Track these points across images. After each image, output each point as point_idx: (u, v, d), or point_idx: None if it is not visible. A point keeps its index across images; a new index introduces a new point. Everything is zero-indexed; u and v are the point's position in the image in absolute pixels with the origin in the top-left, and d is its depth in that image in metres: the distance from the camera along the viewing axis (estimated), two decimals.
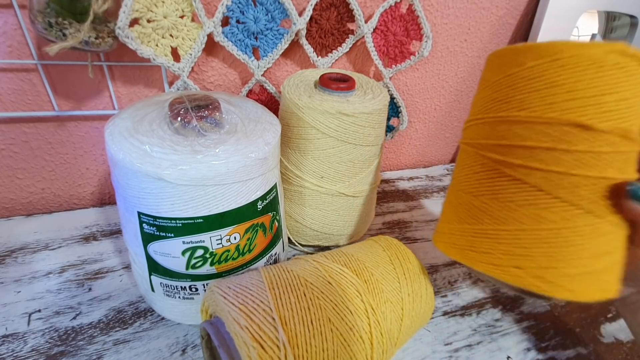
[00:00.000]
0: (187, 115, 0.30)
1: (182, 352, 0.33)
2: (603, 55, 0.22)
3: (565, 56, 0.23)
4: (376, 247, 0.34)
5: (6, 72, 0.40)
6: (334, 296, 0.27)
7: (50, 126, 0.44)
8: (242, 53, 0.45)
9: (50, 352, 0.32)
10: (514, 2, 0.57)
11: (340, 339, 0.25)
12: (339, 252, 0.33)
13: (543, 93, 0.23)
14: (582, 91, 0.22)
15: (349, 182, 0.41)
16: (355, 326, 0.26)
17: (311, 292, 0.27)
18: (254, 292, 0.26)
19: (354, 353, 0.26)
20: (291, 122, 0.39)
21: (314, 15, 0.46)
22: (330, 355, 0.25)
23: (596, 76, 0.22)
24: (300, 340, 0.24)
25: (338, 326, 0.26)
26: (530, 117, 0.24)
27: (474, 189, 0.27)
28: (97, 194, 0.51)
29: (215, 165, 0.27)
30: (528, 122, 0.24)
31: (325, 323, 0.25)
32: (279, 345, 0.23)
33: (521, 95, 0.24)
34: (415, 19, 0.50)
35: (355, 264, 0.31)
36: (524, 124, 0.24)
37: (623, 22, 0.59)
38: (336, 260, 0.31)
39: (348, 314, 0.26)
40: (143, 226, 0.29)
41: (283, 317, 0.24)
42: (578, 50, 0.22)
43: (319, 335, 0.25)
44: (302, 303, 0.26)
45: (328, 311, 0.26)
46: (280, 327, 0.24)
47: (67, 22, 0.33)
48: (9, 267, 0.39)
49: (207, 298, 0.28)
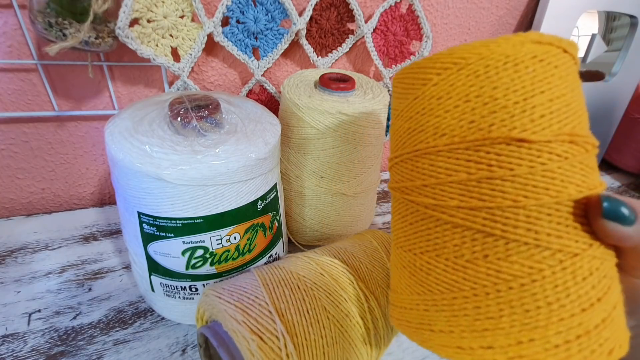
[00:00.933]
0: (187, 115, 0.30)
1: (182, 352, 0.33)
2: (516, 50, 0.18)
3: (471, 61, 0.18)
4: (364, 239, 0.34)
5: (6, 72, 0.40)
6: (327, 286, 0.27)
7: (50, 126, 0.44)
8: (242, 53, 0.45)
9: (50, 352, 0.32)
10: (514, 2, 0.57)
11: (338, 325, 0.26)
12: (329, 247, 0.33)
13: (458, 112, 0.19)
14: (502, 99, 0.18)
15: (349, 182, 0.41)
16: (351, 312, 0.27)
17: (304, 284, 0.27)
18: (249, 290, 0.26)
19: (352, 339, 0.26)
20: (291, 122, 0.39)
21: (314, 15, 0.46)
22: (329, 341, 0.25)
23: (515, 77, 0.18)
24: (298, 330, 0.24)
25: (334, 314, 0.26)
26: (450, 144, 0.19)
27: (413, 245, 0.21)
28: (97, 194, 0.51)
29: (215, 165, 0.27)
30: (450, 150, 0.19)
31: (321, 311, 0.26)
32: (278, 335, 0.23)
33: (434, 119, 0.19)
34: (415, 19, 0.50)
35: (344, 255, 0.31)
36: (446, 154, 0.19)
37: (623, 22, 0.59)
38: (326, 253, 0.31)
39: (343, 302, 0.27)
40: (143, 226, 0.29)
41: (279, 309, 0.25)
42: (484, 50, 0.18)
43: (316, 323, 0.25)
44: (296, 294, 0.26)
45: (323, 300, 0.26)
46: (277, 318, 0.24)
47: (67, 22, 0.33)
48: (9, 267, 0.39)
49: (202, 304, 0.28)
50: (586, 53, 0.59)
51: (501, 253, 0.18)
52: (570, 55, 0.19)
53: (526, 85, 0.18)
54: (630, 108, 0.65)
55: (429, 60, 0.20)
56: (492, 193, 0.18)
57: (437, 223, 0.20)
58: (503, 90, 0.18)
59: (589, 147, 0.18)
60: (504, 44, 0.18)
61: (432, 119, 0.20)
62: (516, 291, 0.17)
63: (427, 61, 0.20)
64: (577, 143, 0.18)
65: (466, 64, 0.18)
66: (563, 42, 0.19)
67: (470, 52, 0.18)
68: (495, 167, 0.18)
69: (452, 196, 0.19)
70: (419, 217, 0.21)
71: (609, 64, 0.61)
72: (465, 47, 0.19)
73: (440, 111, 0.19)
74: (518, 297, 0.17)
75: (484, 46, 0.18)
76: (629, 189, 0.65)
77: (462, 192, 0.18)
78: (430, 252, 0.20)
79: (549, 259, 0.17)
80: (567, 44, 0.19)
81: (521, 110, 0.17)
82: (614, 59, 0.61)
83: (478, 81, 0.18)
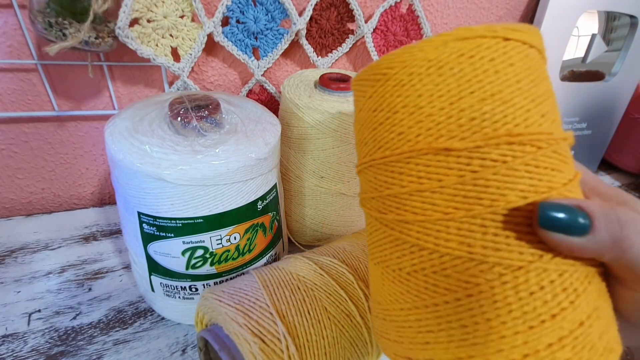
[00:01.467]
0: (187, 115, 0.30)
1: (182, 352, 0.33)
2: (439, 52, 0.17)
3: (396, 70, 0.18)
4: (362, 238, 0.34)
5: (6, 72, 0.40)
6: (327, 286, 0.27)
7: (50, 126, 0.44)
8: (242, 53, 0.45)
9: (50, 352, 0.32)
10: (514, 2, 0.57)
11: (339, 325, 0.26)
12: (328, 246, 0.33)
13: (388, 124, 0.18)
14: (427, 107, 0.17)
15: (349, 182, 0.41)
16: (352, 312, 0.27)
17: (304, 284, 0.27)
18: (249, 292, 0.26)
19: (352, 338, 0.26)
20: (291, 122, 0.39)
21: (314, 15, 0.46)
22: (330, 342, 0.25)
23: (439, 81, 0.16)
24: (299, 331, 0.24)
25: (335, 314, 0.26)
26: (385, 157, 0.18)
27: (372, 255, 0.21)
28: (97, 194, 0.51)
29: (215, 165, 0.27)
30: (385, 163, 0.18)
31: (322, 312, 0.26)
32: (280, 337, 0.23)
33: (372, 132, 0.19)
34: (415, 19, 0.50)
35: (343, 254, 0.31)
36: (383, 167, 0.19)
37: (623, 22, 0.59)
38: (324, 253, 0.31)
39: (343, 302, 0.27)
40: (143, 226, 0.29)
41: (280, 311, 0.25)
42: (407, 56, 0.17)
43: (317, 324, 0.25)
44: (297, 295, 0.26)
45: (323, 301, 0.26)
46: (278, 320, 0.24)
47: (67, 22, 0.33)
48: (9, 267, 0.39)
49: (201, 307, 0.28)
50: (586, 53, 0.59)
51: (436, 267, 0.17)
52: (517, 41, 0.17)
53: (452, 88, 0.16)
54: (630, 108, 0.65)
55: (364, 72, 0.19)
56: (423, 206, 0.17)
57: (384, 235, 0.19)
58: (427, 97, 0.17)
59: (543, 144, 0.16)
60: (427, 47, 0.17)
61: (370, 132, 0.19)
62: (452, 306, 0.16)
63: (363, 73, 0.19)
64: (521, 143, 0.16)
65: (392, 74, 0.18)
66: (501, 29, 0.16)
67: (394, 61, 0.18)
68: (424, 179, 0.17)
69: (390, 209, 0.18)
70: (373, 228, 0.20)
71: (609, 64, 0.61)
72: (392, 55, 0.18)
73: (375, 124, 0.19)
74: (454, 312, 0.16)
75: (407, 52, 0.17)
76: (629, 189, 0.65)
77: (398, 205, 0.18)
78: (382, 262, 0.19)
79: (487, 273, 0.16)
80: (509, 30, 0.17)
81: (447, 116, 0.16)
82: (614, 59, 0.61)
83: (403, 91, 0.17)
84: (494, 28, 0.16)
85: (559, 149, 0.16)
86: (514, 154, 0.16)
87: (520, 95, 0.16)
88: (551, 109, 0.17)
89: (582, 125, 0.64)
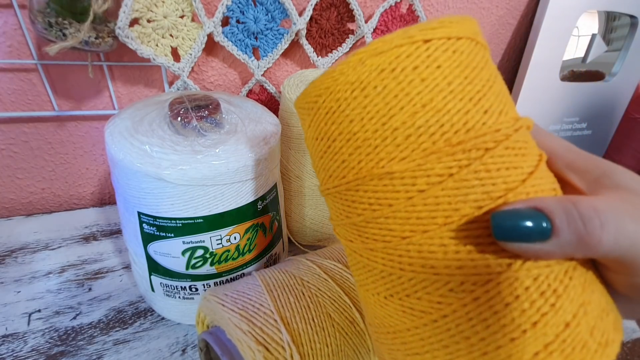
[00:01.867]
0: (187, 115, 0.30)
1: (182, 352, 0.33)
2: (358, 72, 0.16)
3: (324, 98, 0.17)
4: None
5: (6, 72, 0.40)
6: (331, 292, 0.27)
7: (50, 126, 0.44)
8: (242, 53, 0.45)
9: (50, 352, 0.32)
10: (514, 2, 0.57)
11: (342, 333, 0.26)
12: (330, 249, 0.33)
13: (330, 153, 0.17)
14: (361, 132, 0.16)
15: None
16: (356, 319, 0.26)
17: (309, 290, 0.27)
18: (252, 297, 0.26)
19: (356, 346, 0.26)
20: (291, 122, 0.39)
21: (314, 15, 0.46)
22: (334, 349, 0.25)
23: (366, 103, 0.15)
24: (304, 339, 0.24)
25: (339, 321, 0.26)
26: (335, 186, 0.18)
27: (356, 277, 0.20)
28: (97, 194, 0.51)
29: (215, 165, 0.27)
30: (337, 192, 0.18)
31: (326, 319, 0.25)
32: (284, 345, 0.23)
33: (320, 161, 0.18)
34: (415, 19, 0.50)
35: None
36: (338, 196, 0.18)
37: (623, 22, 0.59)
38: (328, 256, 0.31)
39: (347, 308, 0.27)
40: (143, 226, 0.29)
41: (285, 318, 0.24)
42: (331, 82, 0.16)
43: (322, 331, 0.25)
44: (301, 302, 0.26)
45: (328, 307, 0.26)
46: (282, 327, 0.24)
47: (67, 22, 0.33)
48: (9, 267, 0.39)
49: (202, 308, 0.28)
50: (586, 53, 0.59)
51: (408, 290, 0.16)
52: (440, 39, 0.15)
53: (380, 108, 0.15)
54: (630, 108, 0.65)
55: (299, 100, 0.18)
56: (381, 232, 0.16)
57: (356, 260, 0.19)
58: (359, 122, 0.16)
59: (489, 144, 0.15)
60: (346, 69, 0.16)
61: (319, 160, 0.19)
62: (430, 328, 0.16)
63: (299, 100, 0.18)
64: (464, 150, 0.15)
65: (321, 102, 0.17)
66: (418, 32, 0.15)
67: (320, 88, 0.17)
68: (375, 206, 0.16)
69: (354, 237, 0.18)
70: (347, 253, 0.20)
71: (609, 64, 0.61)
72: (317, 82, 0.17)
73: (321, 153, 0.18)
74: (433, 333, 0.16)
75: (329, 78, 0.16)
76: None
77: (359, 233, 0.17)
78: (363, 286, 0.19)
79: (456, 292, 0.15)
80: (427, 30, 0.15)
81: (382, 138, 0.15)
82: (614, 59, 0.61)
83: (335, 118, 0.17)
84: (410, 33, 0.15)
85: (512, 143, 0.15)
86: (459, 163, 0.15)
87: (455, 99, 0.15)
88: (496, 99, 0.16)
89: (582, 125, 0.64)
